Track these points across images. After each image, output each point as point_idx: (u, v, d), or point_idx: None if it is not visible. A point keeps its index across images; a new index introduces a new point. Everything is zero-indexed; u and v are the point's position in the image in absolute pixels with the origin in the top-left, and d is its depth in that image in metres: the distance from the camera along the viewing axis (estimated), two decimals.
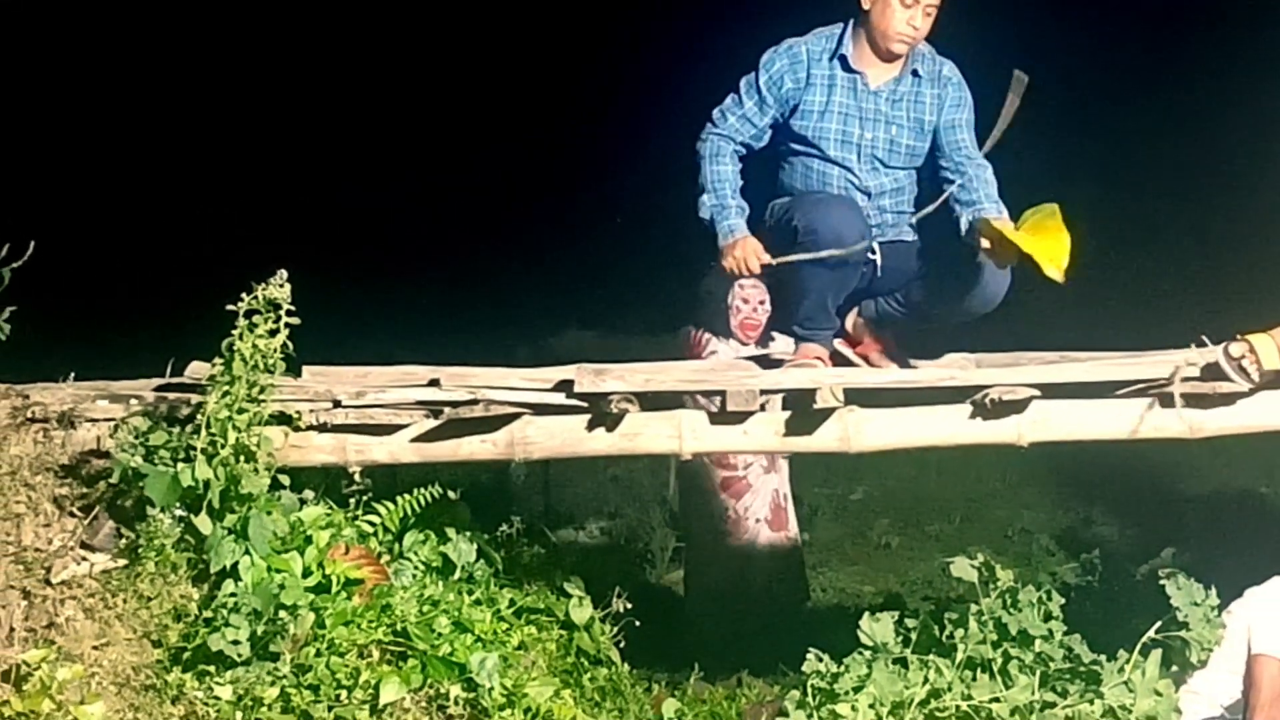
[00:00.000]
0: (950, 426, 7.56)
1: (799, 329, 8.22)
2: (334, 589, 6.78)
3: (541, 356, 11.08)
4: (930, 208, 8.05)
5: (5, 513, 6.70)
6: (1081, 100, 16.75)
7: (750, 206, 8.21)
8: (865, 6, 8.06)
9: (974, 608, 7.20)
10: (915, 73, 8.19)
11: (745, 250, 7.93)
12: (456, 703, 6.55)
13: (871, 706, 6.64)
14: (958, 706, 6.73)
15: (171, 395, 7.10)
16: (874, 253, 8.07)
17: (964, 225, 7.92)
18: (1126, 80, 17.39)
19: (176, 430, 6.72)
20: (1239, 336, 7.49)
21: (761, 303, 9.50)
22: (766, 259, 7.92)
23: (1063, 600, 7.20)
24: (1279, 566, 7.98)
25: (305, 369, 7.42)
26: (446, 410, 7.17)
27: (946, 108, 8.20)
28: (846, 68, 8.14)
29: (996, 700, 6.75)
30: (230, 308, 6.55)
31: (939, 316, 8.29)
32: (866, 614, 7.70)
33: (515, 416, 7.28)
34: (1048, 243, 7.55)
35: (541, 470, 13.44)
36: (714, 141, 8.18)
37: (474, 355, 7.88)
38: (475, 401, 7.15)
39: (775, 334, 9.31)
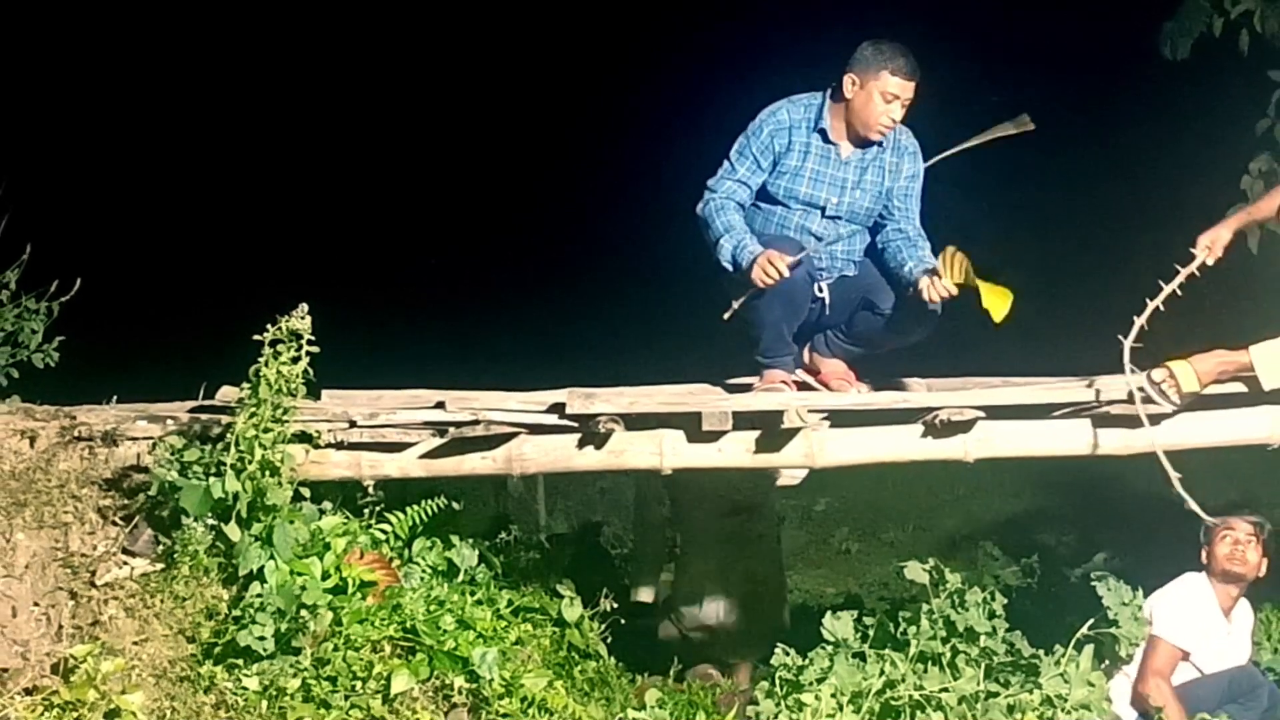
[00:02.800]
0: (904, 444, 7.58)
1: (761, 359, 8.22)
2: (350, 590, 6.78)
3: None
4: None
5: (54, 522, 6.71)
6: (1017, 150, 16.78)
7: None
8: (848, 95, 8.05)
9: (925, 607, 7.23)
10: (881, 143, 8.20)
11: (765, 261, 7.85)
12: (460, 692, 6.57)
13: (833, 696, 6.67)
14: (910, 696, 6.75)
15: (204, 416, 7.11)
16: (822, 291, 8.10)
17: (907, 273, 7.95)
18: (1059, 133, 17.42)
19: (208, 448, 6.73)
20: (1161, 363, 7.52)
21: None
22: (790, 259, 7.87)
23: (1005, 600, 7.24)
24: (1196, 568, 8.04)
25: (324, 393, 7.44)
26: (451, 430, 7.18)
27: (903, 176, 8.23)
28: (825, 139, 8.15)
29: (945, 690, 6.77)
30: (256, 338, 6.57)
31: (881, 343, 8.31)
32: (829, 613, 7.72)
33: (513, 435, 7.30)
34: (998, 293, 7.60)
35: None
36: (716, 201, 8.09)
37: (476, 381, 7.91)
38: (477, 422, 7.15)
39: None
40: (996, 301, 7.56)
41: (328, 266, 17.15)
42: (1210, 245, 7.60)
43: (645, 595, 9.59)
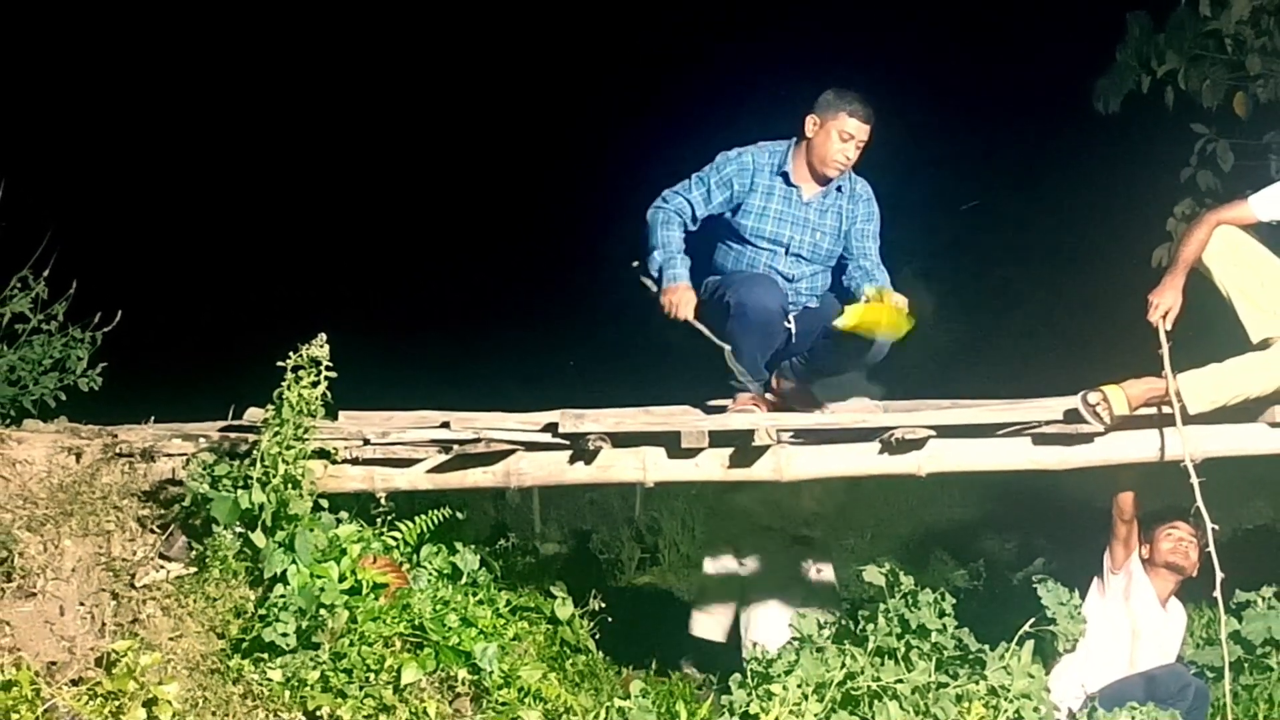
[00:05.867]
0: (863, 460, 7.60)
1: (735, 384, 8.26)
2: (364, 591, 6.80)
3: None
4: None
5: (98, 530, 6.72)
6: (965, 194, 16.85)
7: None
8: (809, 135, 8.14)
9: (882, 606, 7.23)
10: (839, 188, 8.27)
11: (679, 298, 7.96)
12: (463, 683, 6.59)
13: (799, 686, 6.67)
14: (869, 687, 6.76)
15: (233, 435, 7.13)
16: (789, 323, 8.14)
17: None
18: (1003, 179, 17.50)
19: (237, 463, 6.75)
20: (1095, 387, 7.56)
21: None
22: (690, 314, 7.99)
23: (954, 600, 7.25)
24: None
25: (341, 413, 7.46)
26: (455, 447, 7.20)
27: (860, 220, 8.30)
28: (788, 182, 8.21)
29: (900, 681, 6.78)
30: (280, 364, 6.60)
31: (840, 368, 8.33)
32: (794, 611, 7.74)
33: (511, 452, 7.32)
34: (893, 317, 7.69)
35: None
36: (664, 212, 8.19)
37: (478, 403, 7.93)
38: (478, 440, 7.17)
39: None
40: (889, 324, 7.68)
41: (344, 300, 17.18)
42: (1166, 313, 7.60)
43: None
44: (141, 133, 18.33)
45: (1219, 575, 7.08)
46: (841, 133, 8.06)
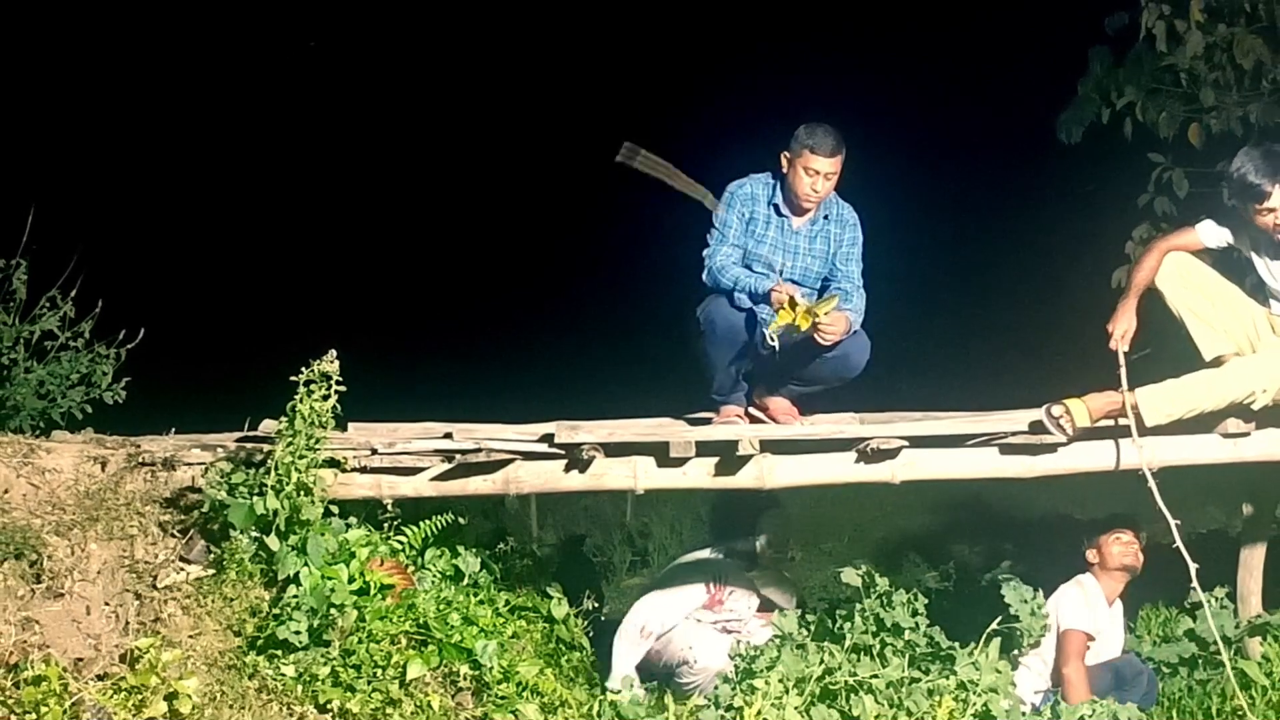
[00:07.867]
0: (841, 468, 7.61)
1: (716, 397, 8.31)
2: (372, 592, 6.81)
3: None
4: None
5: (122, 534, 6.73)
6: (936, 221, 16.86)
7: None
8: (784, 171, 8.21)
9: (859, 606, 7.25)
10: (826, 216, 8.32)
11: (781, 289, 7.96)
12: (465, 678, 6.61)
13: (780, 681, 6.68)
14: (846, 682, 6.77)
15: (249, 445, 7.14)
16: (772, 339, 8.16)
17: None
18: (972, 206, 17.52)
19: (252, 471, 6.77)
20: (1059, 400, 7.58)
21: None
22: (794, 289, 7.98)
23: (926, 600, 7.27)
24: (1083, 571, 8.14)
25: (350, 425, 7.48)
26: (457, 456, 7.21)
27: (845, 244, 8.34)
28: (779, 212, 8.26)
29: (875, 677, 6.79)
30: (293, 379, 6.62)
31: (820, 381, 8.36)
32: (776, 611, 7.75)
33: (509, 461, 7.33)
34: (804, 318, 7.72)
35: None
36: (716, 264, 8.17)
37: (479, 415, 7.94)
38: (479, 450, 7.19)
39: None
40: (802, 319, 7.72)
41: (352, 318, 17.17)
42: (1123, 336, 7.66)
43: None
44: (162, 159, 18.33)
45: (1193, 568, 7.14)
46: (807, 168, 8.12)
